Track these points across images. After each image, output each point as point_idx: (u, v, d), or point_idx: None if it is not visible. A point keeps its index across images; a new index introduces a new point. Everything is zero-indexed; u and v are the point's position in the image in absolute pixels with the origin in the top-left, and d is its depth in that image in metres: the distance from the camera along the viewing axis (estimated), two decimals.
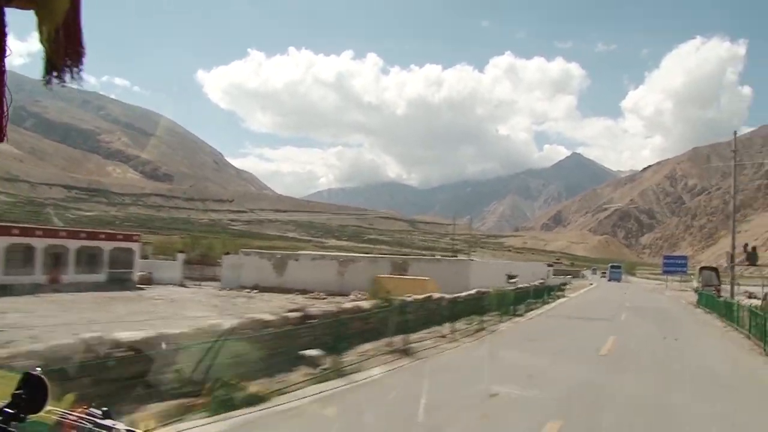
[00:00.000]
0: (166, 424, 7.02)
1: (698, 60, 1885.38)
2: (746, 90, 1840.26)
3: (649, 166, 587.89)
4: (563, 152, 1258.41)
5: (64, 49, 1.17)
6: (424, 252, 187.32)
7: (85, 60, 1.27)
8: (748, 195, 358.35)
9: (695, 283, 52.36)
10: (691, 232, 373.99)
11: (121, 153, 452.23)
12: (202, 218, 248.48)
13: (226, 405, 7.83)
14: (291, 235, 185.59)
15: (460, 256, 75.58)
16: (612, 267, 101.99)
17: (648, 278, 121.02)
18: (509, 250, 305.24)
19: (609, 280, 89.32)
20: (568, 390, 10.39)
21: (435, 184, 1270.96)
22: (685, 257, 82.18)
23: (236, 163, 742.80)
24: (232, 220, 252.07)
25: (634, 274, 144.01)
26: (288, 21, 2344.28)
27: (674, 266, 72.62)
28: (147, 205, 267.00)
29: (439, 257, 64.40)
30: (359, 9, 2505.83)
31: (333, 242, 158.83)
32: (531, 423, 8.19)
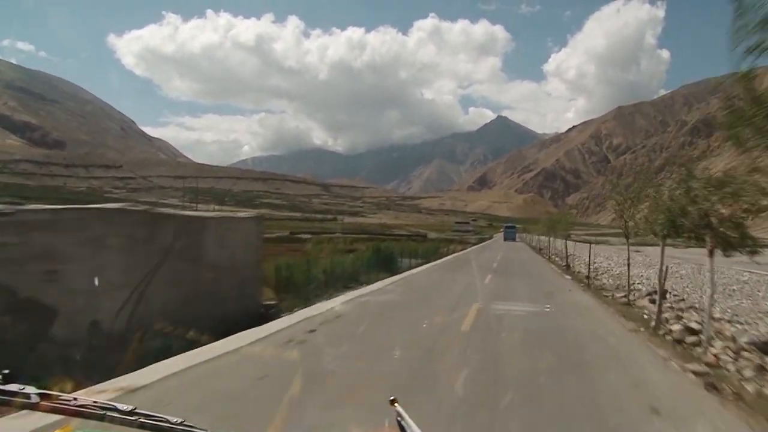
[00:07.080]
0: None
1: (619, 23, 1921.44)
2: (665, 53, 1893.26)
3: (574, 126, 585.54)
4: (489, 115, 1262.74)
5: None
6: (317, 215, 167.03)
7: None
8: (673, 152, 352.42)
9: None
10: (617, 191, 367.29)
11: (6, 118, 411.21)
12: (79, 186, 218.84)
13: None
14: (170, 201, 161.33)
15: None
16: (506, 227, 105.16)
17: (600, 240, 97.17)
18: (420, 212, 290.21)
19: (505, 240, 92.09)
20: None
21: (361, 150, 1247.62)
22: None
23: (156, 132, 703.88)
24: (116, 188, 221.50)
25: (566, 237, 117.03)
26: None
27: None
28: (14, 172, 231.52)
29: None
30: None
31: (209, 206, 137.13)
32: None
